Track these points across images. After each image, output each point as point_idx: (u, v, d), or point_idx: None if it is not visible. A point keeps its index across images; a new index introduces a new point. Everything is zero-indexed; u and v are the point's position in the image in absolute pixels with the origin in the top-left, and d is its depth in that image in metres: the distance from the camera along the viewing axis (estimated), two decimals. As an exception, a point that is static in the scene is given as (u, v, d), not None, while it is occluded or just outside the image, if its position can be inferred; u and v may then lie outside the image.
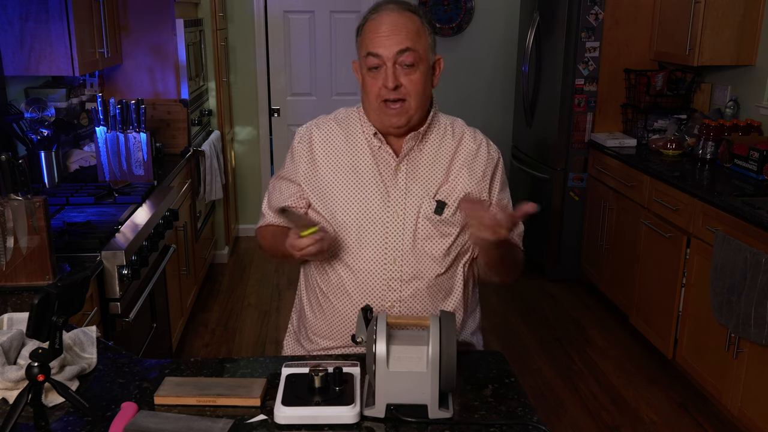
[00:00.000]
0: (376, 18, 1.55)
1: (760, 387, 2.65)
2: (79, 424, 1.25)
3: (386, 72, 1.53)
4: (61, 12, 2.72)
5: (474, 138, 1.68)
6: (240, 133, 5.18)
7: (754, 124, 3.51)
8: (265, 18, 5.02)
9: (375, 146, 1.63)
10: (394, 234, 1.59)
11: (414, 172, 1.62)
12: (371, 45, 1.54)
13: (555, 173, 4.32)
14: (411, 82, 1.54)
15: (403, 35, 1.52)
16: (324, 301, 1.66)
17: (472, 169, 1.64)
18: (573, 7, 4.04)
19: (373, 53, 1.53)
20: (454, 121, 1.70)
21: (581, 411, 3.05)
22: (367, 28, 1.56)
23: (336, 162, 1.64)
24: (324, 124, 1.69)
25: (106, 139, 3.06)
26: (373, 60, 1.53)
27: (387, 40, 1.52)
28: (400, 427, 1.24)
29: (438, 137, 1.65)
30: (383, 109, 1.57)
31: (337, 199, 1.61)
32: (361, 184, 1.61)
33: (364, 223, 1.59)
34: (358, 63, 1.62)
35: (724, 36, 3.55)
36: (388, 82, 1.52)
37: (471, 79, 5.21)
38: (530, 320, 3.94)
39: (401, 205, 1.60)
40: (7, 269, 1.84)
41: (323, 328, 1.68)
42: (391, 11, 1.55)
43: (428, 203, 1.60)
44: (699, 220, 3.03)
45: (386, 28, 1.53)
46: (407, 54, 1.52)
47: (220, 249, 4.83)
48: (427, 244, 1.60)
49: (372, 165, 1.62)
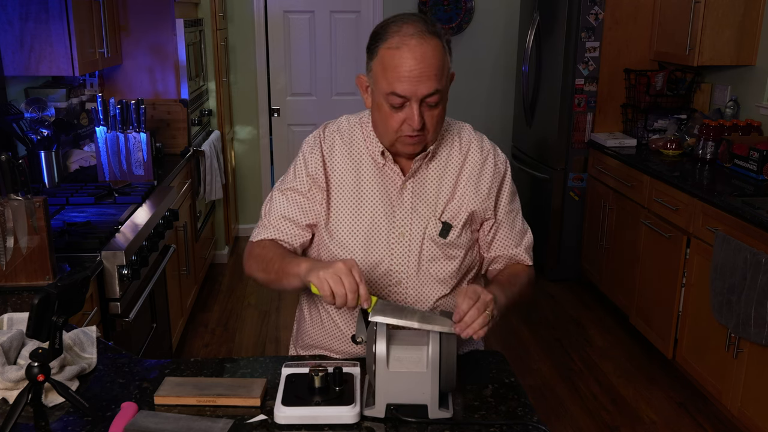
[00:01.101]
0: (399, 49, 1.40)
1: (760, 387, 2.65)
2: (79, 424, 1.25)
3: (411, 111, 1.43)
4: (61, 12, 2.72)
5: (481, 150, 1.60)
6: (240, 133, 5.18)
7: (754, 124, 3.51)
8: (265, 18, 5.02)
9: (380, 163, 1.56)
10: (399, 255, 1.54)
11: (420, 190, 1.56)
12: (396, 84, 1.40)
13: (555, 173, 4.32)
14: (432, 118, 1.46)
15: (431, 74, 1.40)
16: (324, 315, 1.63)
17: (478, 185, 1.57)
18: (573, 7, 4.04)
19: (399, 94, 1.41)
20: (461, 130, 1.63)
21: (581, 411, 3.05)
22: (387, 58, 1.41)
23: (340, 177, 1.57)
24: (329, 137, 1.60)
25: (106, 139, 3.06)
26: (398, 100, 1.42)
27: (415, 81, 1.39)
28: (400, 427, 1.24)
29: (445, 153, 1.58)
30: (400, 140, 1.49)
31: (341, 217, 1.55)
32: (366, 202, 1.55)
33: (369, 243, 1.54)
34: (369, 82, 1.50)
35: (724, 36, 3.55)
36: (414, 122, 1.43)
37: (471, 79, 5.20)
38: (530, 320, 3.94)
39: (407, 225, 1.54)
40: (7, 269, 1.84)
41: (323, 340, 1.65)
42: (415, 41, 1.39)
43: (434, 224, 1.54)
44: (699, 220, 3.03)
45: (413, 65, 1.39)
46: (434, 96, 1.42)
47: (220, 249, 4.83)
48: (432, 266, 1.55)
49: (377, 183, 1.55)
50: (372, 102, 1.51)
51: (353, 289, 1.28)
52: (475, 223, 1.60)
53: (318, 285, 1.31)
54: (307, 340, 1.70)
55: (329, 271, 1.30)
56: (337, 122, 1.63)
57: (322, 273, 1.30)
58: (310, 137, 1.63)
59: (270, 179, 5.29)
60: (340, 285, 1.28)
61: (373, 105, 1.51)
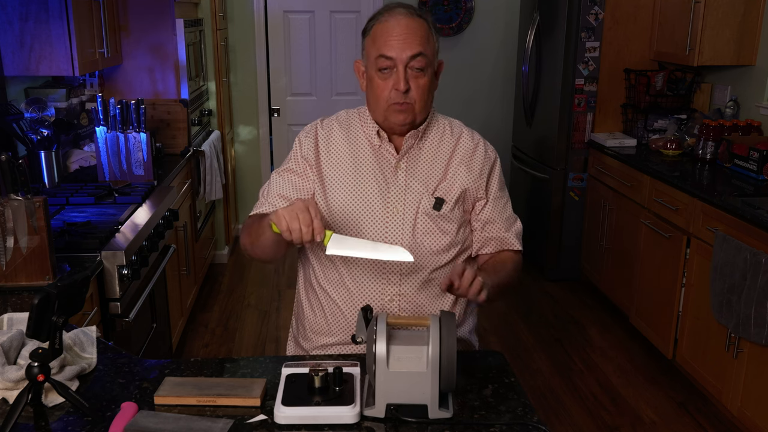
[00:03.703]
0: (387, 21, 1.56)
1: (760, 387, 2.65)
2: (79, 424, 1.25)
3: (398, 75, 1.55)
4: (61, 12, 2.72)
5: (472, 137, 1.72)
6: (240, 133, 5.18)
7: (754, 124, 3.51)
8: (265, 18, 5.02)
9: (376, 144, 1.66)
10: (393, 229, 1.62)
11: (414, 169, 1.65)
12: (384, 47, 1.55)
13: (555, 173, 4.32)
14: (419, 87, 1.57)
15: (416, 39, 1.54)
16: (323, 296, 1.67)
17: (470, 166, 1.68)
18: (573, 7, 4.04)
19: (385, 56, 1.55)
20: (452, 122, 1.75)
21: (581, 411, 3.05)
22: (377, 30, 1.58)
23: (337, 160, 1.66)
24: (327, 125, 1.71)
25: (106, 139, 3.06)
26: (385, 62, 1.55)
27: (400, 44, 1.54)
28: (400, 427, 1.24)
29: (437, 136, 1.69)
30: (390, 108, 1.59)
31: (337, 194, 1.64)
32: (362, 180, 1.64)
33: (363, 217, 1.62)
34: (364, 64, 1.65)
35: (724, 36, 3.55)
36: (400, 85, 1.55)
37: (471, 79, 5.21)
38: (530, 320, 3.94)
39: (401, 200, 1.63)
40: (7, 269, 1.84)
41: (322, 324, 1.68)
42: (401, 15, 1.56)
43: (427, 199, 1.63)
44: (699, 220, 3.03)
45: (399, 31, 1.54)
46: (419, 59, 1.55)
47: (220, 249, 4.83)
48: (426, 239, 1.63)
49: (373, 162, 1.65)
50: (366, 81, 1.63)
51: (307, 223, 1.38)
52: (467, 202, 1.68)
53: (276, 221, 1.40)
54: (308, 329, 1.72)
55: (288, 209, 1.40)
56: (335, 114, 1.75)
57: (281, 210, 1.40)
58: (306, 126, 1.74)
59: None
60: (296, 220, 1.38)
61: (367, 83, 1.63)
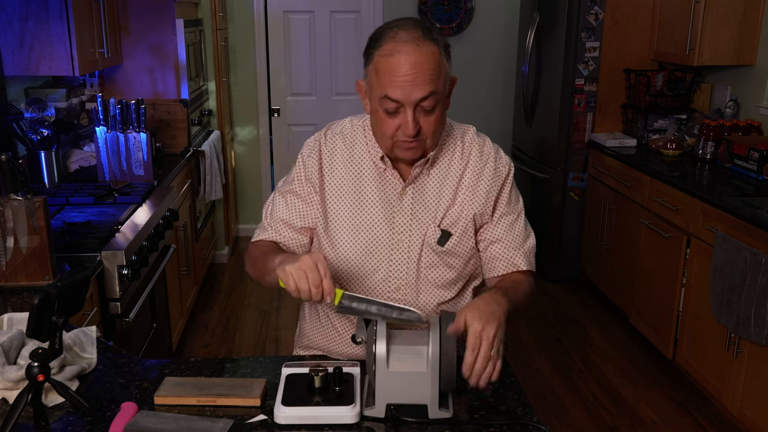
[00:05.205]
0: (392, 56, 1.38)
1: (760, 387, 2.65)
2: (79, 424, 1.25)
3: (405, 117, 1.41)
4: (61, 12, 2.72)
5: (481, 155, 1.57)
6: (240, 133, 5.18)
7: (754, 124, 3.51)
8: (265, 18, 5.02)
9: (380, 168, 1.54)
10: (399, 261, 1.53)
11: (421, 196, 1.54)
12: (389, 88, 1.39)
13: (555, 173, 4.32)
14: (429, 124, 1.43)
15: (426, 76, 1.38)
16: (324, 318, 1.63)
17: (476, 189, 1.55)
18: (573, 7, 4.04)
19: (392, 98, 1.39)
20: (464, 134, 1.59)
21: (581, 411, 3.05)
22: (381, 65, 1.40)
23: (340, 183, 1.55)
24: (331, 141, 1.58)
25: (106, 139, 3.06)
26: (391, 104, 1.40)
27: (408, 85, 1.37)
28: (400, 427, 1.24)
29: (447, 159, 1.56)
30: (397, 145, 1.47)
31: (340, 223, 1.54)
32: (365, 207, 1.53)
33: (368, 248, 1.53)
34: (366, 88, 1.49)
35: (724, 36, 3.55)
36: (409, 130, 1.41)
37: (471, 79, 5.20)
38: (530, 320, 3.93)
39: (406, 231, 1.53)
40: (7, 269, 1.84)
41: (322, 343, 1.65)
42: (409, 47, 1.37)
43: (433, 231, 1.52)
44: (699, 220, 3.03)
45: (406, 70, 1.37)
46: (429, 99, 1.40)
47: (220, 249, 4.83)
48: (431, 273, 1.54)
49: (377, 188, 1.54)
50: (370, 109, 1.50)
51: (317, 284, 1.29)
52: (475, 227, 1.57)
53: (284, 279, 1.31)
54: (305, 341, 1.70)
55: (295, 266, 1.30)
56: (340, 125, 1.61)
57: (288, 267, 1.30)
58: (310, 139, 1.62)
59: (270, 179, 5.29)
60: (304, 280, 1.29)
61: (371, 112, 1.49)
